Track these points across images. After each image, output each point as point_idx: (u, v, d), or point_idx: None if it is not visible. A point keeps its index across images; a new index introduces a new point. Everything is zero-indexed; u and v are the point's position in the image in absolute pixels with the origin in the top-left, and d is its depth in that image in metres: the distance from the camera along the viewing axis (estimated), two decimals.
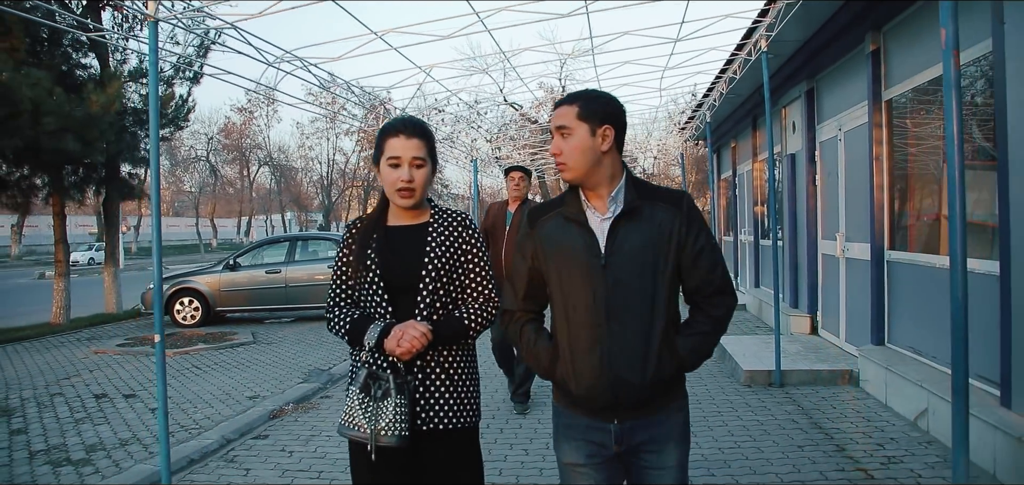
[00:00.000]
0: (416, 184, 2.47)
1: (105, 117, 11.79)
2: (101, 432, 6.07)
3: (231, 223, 69.37)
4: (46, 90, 10.76)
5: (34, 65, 11.17)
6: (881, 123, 6.77)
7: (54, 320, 13.39)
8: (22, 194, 13.53)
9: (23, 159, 12.19)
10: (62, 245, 13.73)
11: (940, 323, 5.60)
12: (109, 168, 14.01)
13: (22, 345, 11.21)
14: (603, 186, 2.24)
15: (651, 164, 39.43)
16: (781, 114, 10.56)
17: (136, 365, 9.11)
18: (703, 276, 2.23)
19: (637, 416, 2.22)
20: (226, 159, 54.88)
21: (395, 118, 2.63)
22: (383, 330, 2.41)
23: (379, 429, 2.35)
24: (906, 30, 6.28)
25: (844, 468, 4.65)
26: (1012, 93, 4.33)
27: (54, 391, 7.67)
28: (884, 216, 6.78)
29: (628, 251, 2.18)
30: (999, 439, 4.27)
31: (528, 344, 2.35)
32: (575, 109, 2.23)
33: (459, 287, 2.56)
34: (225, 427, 6.10)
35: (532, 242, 2.34)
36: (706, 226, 2.25)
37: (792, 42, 8.37)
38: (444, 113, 22.12)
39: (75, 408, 6.92)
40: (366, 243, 2.53)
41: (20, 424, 6.39)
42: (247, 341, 10.80)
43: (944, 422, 4.92)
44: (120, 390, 7.65)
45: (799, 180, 9.65)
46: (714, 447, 5.17)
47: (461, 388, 2.52)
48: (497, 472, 4.80)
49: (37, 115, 10.70)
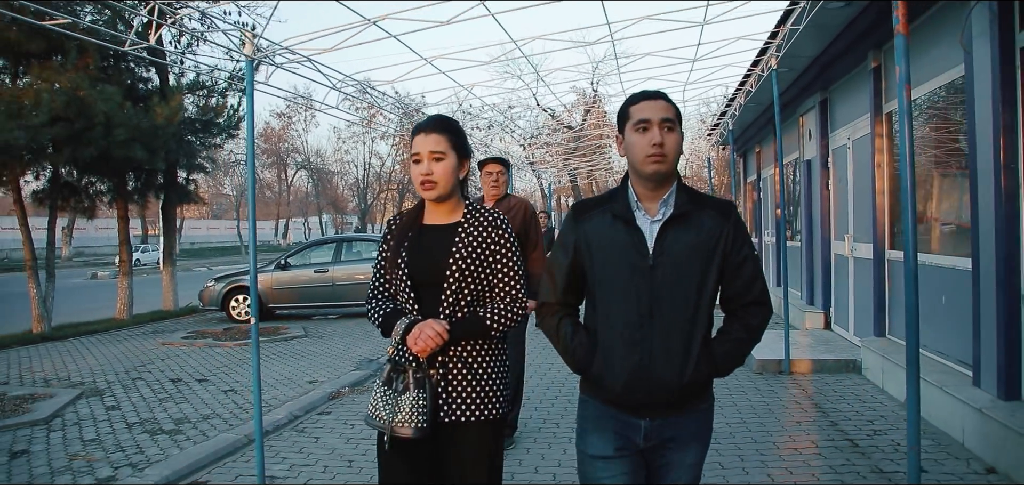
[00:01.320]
0: (436, 176, 2.54)
1: (168, 127, 12.78)
2: (183, 409, 6.93)
3: (269, 225, 71.04)
4: (117, 104, 11.76)
5: (105, 81, 12.18)
6: (882, 134, 7.41)
7: (118, 315, 14.43)
8: (89, 199, 14.58)
9: (94, 167, 13.20)
10: (126, 246, 14.80)
11: (930, 315, 6.24)
12: (168, 174, 15.02)
13: (93, 338, 12.21)
14: (666, 187, 2.28)
15: (682, 166, 39.93)
16: (799, 122, 11.18)
17: (202, 355, 10.03)
18: (743, 286, 2.28)
19: (667, 414, 2.27)
20: (265, 163, 56.40)
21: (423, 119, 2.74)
22: (408, 326, 2.51)
23: (397, 420, 2.47)
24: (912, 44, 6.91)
25: (834, 438, 5.33)
26: (979, 111, 4.98)
27: (135, 376, 8.58)
28: (885, 218, 7.42)
29: (676, 255, 2.21)
30: (968, 413, 4.93)
31: (565, 339, 2.37)
32: (675, 109, 2.28)
33: (487, 286, 2.61)
34: (291, 405, 6.93)
35: (575, 236, 2.36)
36: (750, 238, 2.33)
37: (805, 58, 9.00)
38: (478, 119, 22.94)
39: (156, 390, 7.81)
40: (402, 240, 2.63)
41: (112, 402, 7.28)
42: (299, 335, 11.69)
43: (929, 402, 5.57)
44: (192, 376, 8.55)
45: (814, 185, 10.28)
46: (723, 424, 5.87)
47: (484, 382, 2.57)
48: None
49: (109, 126, 11.69)
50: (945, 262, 6.00)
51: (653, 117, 2.22)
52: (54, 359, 9.96)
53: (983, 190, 4.97)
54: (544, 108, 29.70)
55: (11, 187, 12.43)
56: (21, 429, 6.28)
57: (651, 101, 2.26)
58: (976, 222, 5.10)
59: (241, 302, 13.84)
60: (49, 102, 10.80)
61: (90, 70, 11.79)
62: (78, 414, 6.80)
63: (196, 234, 68.72)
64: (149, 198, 15.83)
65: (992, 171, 4.82)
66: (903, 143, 3.80)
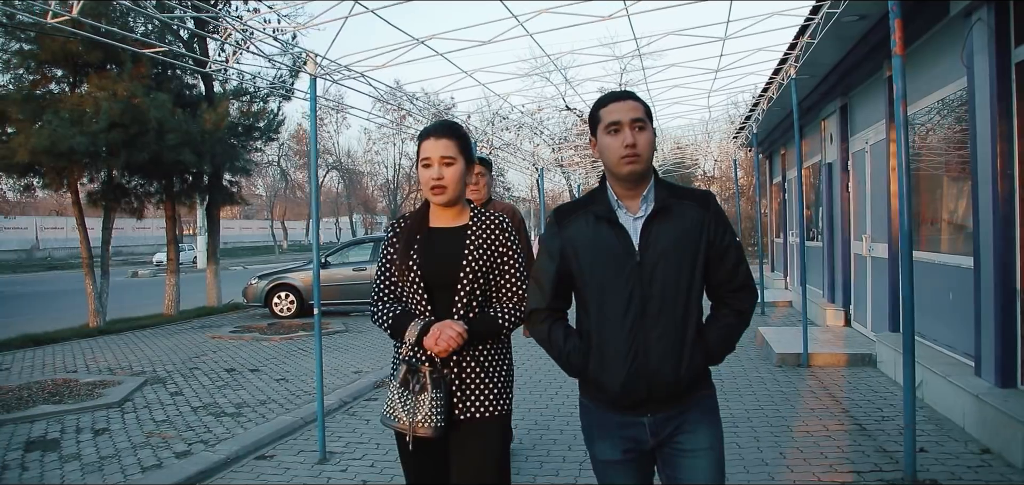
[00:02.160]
0: (446, 181, 2.60)
1: (215, 132, 13.47)
2: (241, 395, 7.51)
3: (300, 225, 72.17)
4: (168, 111, 12.45)
5: (156, 89, 12.87)
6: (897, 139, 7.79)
7: (166, 311, 15.15)
8: (138, 200, 15.32)
9: (144, 170, 13.92)
10: (174, 246, 15.54)
11: (939, 311, 6.64)
12: (212, 177, 15.72)
13: (145, 332, 12.93)
14: (644, 184, 2.32)
15: (712, 166, 40.13)
16: (821, 126, 11.55)
17: (250, 347, 10.67)
18: (729, 272, 2.31)
19: (668, 408, 2.28)
20: (297, 164, 57.42)
21: (429, 124, 2.79)
22: (423, 327, 2.55)
23: (417, 421, 2.52)
24: (914, 60, 7.30)
25: (844, 423, 5.76)
26: (979, 121, 5.38)
27: (191, 366, 9.21)
28: (899, 220, 7.79)
29: (662, 249, 2.24)
30: (968, 400, 5.33)
31: (558, 344, 2.39)
32: (643, 107, 2.32)
33: (494, 286, 2.69)
34: (341, 392, 7.49)
35: (560, 241, 2.38)
36: (731, 225, 2.35)
37: (825, 65, 9.39)
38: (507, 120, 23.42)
39: (213, 378, 8.41)
40: (410, 243, 2.68)
41: (175, 389, 7.90)
42: (341, 330, 12.30)
43: (935, 391, 6.00)
44: (245, 366, 9.16)
45: (835, 187, 10.66)
46: (742, 409, 6.32)
47: (495, 379, 2.65)
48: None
49: (161, 132, 12.40)
50: (952, 261, 6.39)
51: (623, 118, 2.27)
52: (114, 350, 10.65)
53: (983, 194, 5.37)
54: (572, 109, 30.15)
55: (70, 189, 13.18)
56: (98, 411, 6.91)
57: (620, 102, 2.31)
58: (977, 223, 5.50)
59: (283, 298, 14.49)
60: (108, 109, 11.51)
61: (144, 79, 12.51)
62: (146, 398, 7.42)
63: (229, 234, 69.82)
64: (194, 199, 16.53)
65: (991, 176, 5.22)
66: (900, 153, 4.24)
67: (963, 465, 4.69)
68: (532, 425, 6.14)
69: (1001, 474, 4.49)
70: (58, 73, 12.85)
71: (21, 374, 8.87)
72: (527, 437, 5.82)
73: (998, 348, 5.22)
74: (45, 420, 6.58)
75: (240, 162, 15.88)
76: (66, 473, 5.14)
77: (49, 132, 11.17)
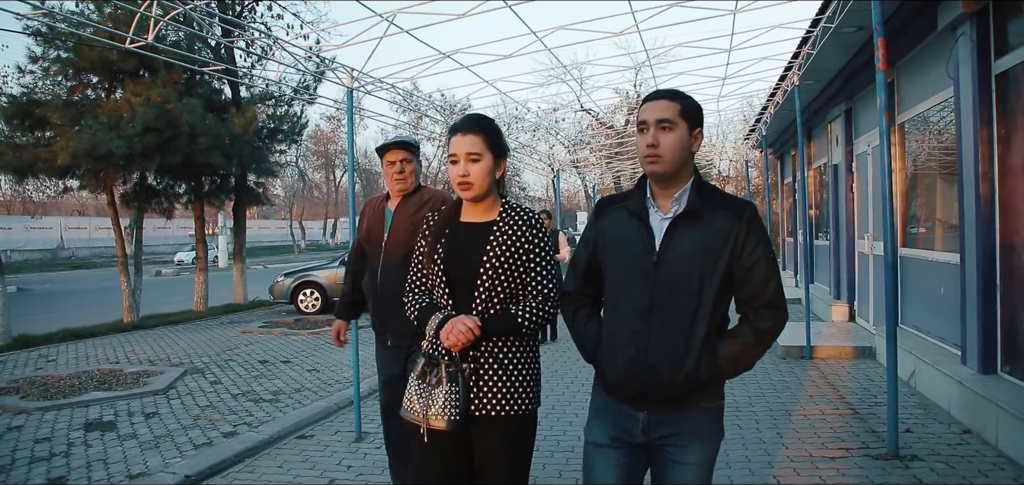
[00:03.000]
0: (472, 177, 2.60)
1: (244, 135, 14.04)
2: (276, 384, 8.04)
3: (317, 225, 72.98)
4: (200, 115, 13.03)
5: (187, 94, 13.45)
6: (896, 142, 8.21)
7: (195, 307, 15.74)
8: (167, 200, 15.92)
9: (175, 172, 14.51)
10: (202, 245, 16.13)
11: (932, 304, 7.06)
12: (239, 178, 16.30)
13: (177, 327, 13.51)
14: (677, 186, 2.30)
15: (727, 166, 40.41)
16: (828, 128, 11.95)
17: (280, 341, 11.21)
18: (755, 289, 2.26)
19: (665, 410, 2.29)
20: (314, 165, 58.17)
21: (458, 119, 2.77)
22: (441, 321, 2.56)
23: (431, 413, 2.52)
24: (910, 68, 7.72)
25: (839, 408, 6.21)
26: (963, 127, 5.81)
27: (226, 358, 9.76)
28: (898, 219, 8.22)
29: (681, 253, 2.23)
30: (953, 385, 5.76)
31: (578, 327, 2.48)
32: (677, 106, 2.28)
33: (520, 284, 2.66)
34: (370, 381, 7.96)
35: (595, 230, 2.47)
36: (766, 239, 2.28)
37: (829, 71, 9.81)
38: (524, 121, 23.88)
39: (248, 369, 8.95)
40: (439, 236, 2.71)
41: (214, 378, 8.44)
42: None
43: (926, 379, 6.42)
44: (277, 358, 9.70)
45: (840, 187, 11.07)
46: (745, 396, 6.77)
47: (514, 377, 2.61)
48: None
49: (193, 136, 12.97)
50: (943, 258, 6.81)
51: (649, 118, 2.28)
52: (150, 344, 11.23)
53: (967, 196, 5.80)
54: (587, 110, 30.59)
55: (106, 191, 13.79)
56: (146, 397, 7.45)
57: (651, 102, 2.32)
58: (962, 223, 5.93)
59: (309, 295, 15.06)
60: (143, 114, 12.09)
61: (176, 85, 13.09)
62: (188, 387, 7.96)
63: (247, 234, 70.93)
64: (223, 200, 17.12)
65: (974, 179, 5.65)
66: (882, 158, 4.70)
67: (943, 443, 5.13)
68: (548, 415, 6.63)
69: (976, 451, 4.93)
70: (93, 79, 13.46)
71: (68, 365, 9.44)
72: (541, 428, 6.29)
73: (980, 338, 5.65)
74: (99, 405, 7.13)
75: (266, 164, 16.44)
76: (126, 450, 5.66)
77: (89, 136, 11.75)
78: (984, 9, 5.51)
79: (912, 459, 4.79)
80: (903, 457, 4.81)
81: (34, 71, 13.19)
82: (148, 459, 5.43)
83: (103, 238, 58.68)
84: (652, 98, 2.32)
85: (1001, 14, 5.43)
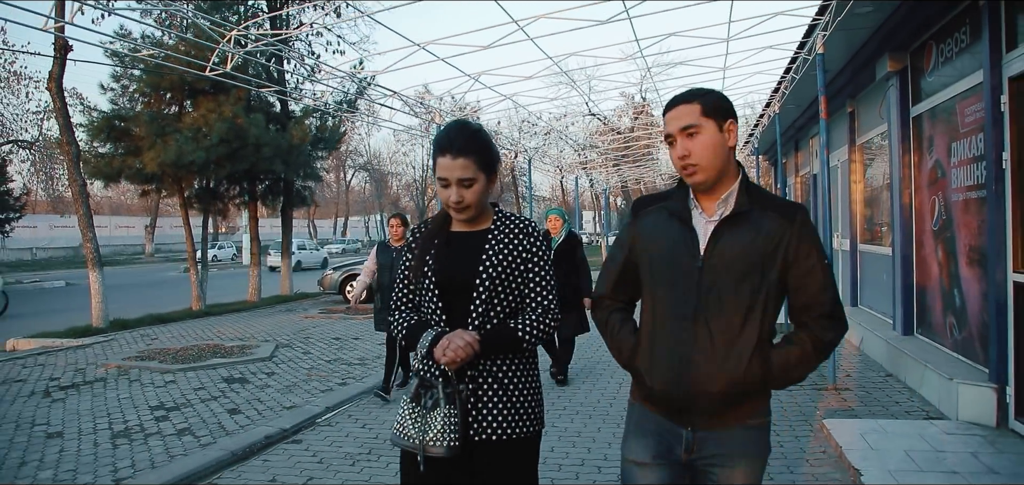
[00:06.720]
0: (467, 202, 2.43)
1: (300, 145, 16.02)
2: (355, 353, 9.97)
3: (328, 223, 74.93)
4: (264, 128, 15.00)
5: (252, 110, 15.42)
6: (856, 160, 10.20)
7: (250, 298, 17.70)
8: (223, 202, 17.83)
9: (238, 178, 16.47)
10: (256, 242, 18.10)
11: (880, 288, 9.07)
12: (288, 183, 18.25)
13: (241, 314, 15.44)
14: (722, 188, 2.16)
15: None
16: (810, 143, 13.93)
17: (343, 324, 13.20)
18: (811, 297, 2.11)
19: (711, 426, 2.15)
20: (326, 166, 60.01)
21: (444, 130, 2.51)
22: (434, 338, 2.38)
23: (428, 439, 2.33)
24: (864, 102, 9.70)
25: None
26: (893, 154, 7.78)
27: (304, 336, 11.72)
28: (857, 221, 10.21)
29: (728, 257, 2.09)
30: (884, 344, 7.74)
31: (612, 332, 2.34)
32: (697, 107, 2.13)
33: (519, 295, 2.49)
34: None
35: (631, 232, 2.31)
36: (819, 244, 2.14)
37: (808, 97, 11.78)
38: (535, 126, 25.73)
39: (327, 344, 10.89)
40: (427, 248, 2.52)
41: (302, 350, 10.38)
42: None
43: (870, 343, 8.40)
44: (347, 335, 11.68)
45: (820, 193, 13.07)
46: None
47: (516, 398, 2.44)
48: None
49: (258, 146, 14.93)
50: (884, 252, 8.80)
51: (673, 130, 2.16)
52: (231, 326, 13.19)
53: (895, 205, 7.78)
54: (595, 114, 32.43)
55: (179, 195, 15.78)
56: (257, 363, 9.39)
57: (670, 111, 2.19)
58: (893, 224, 7.91)
59: (355, 287, 17.02)
60: (219, 128, 14.06)
61: (242, 101, 15.07)
62: (285, 356, 9.90)
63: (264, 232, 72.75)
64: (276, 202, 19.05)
65: (899, 191, 7.63)
66: (824, 186, 6.66)
67: (870, 382, 7.12)
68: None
69: (892, 386, 6.91)
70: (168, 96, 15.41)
71: (173, 341, 11.39)
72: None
73: (903, 308, 7.63)
74: (225, 367, 9.06)
75: (312, 169, 18.39)
76: (269, 394, 7.61)
77: (176, 147, 13.71)
78: (905, 67, 7.47)
79: (845, 390, 6.78)
80: (839, 389, 6.80)
81: (115, 88, 15.18)
82: (291, 399, 7.38)
83: (122, 236, 60.83)
84: (671, 106, 2.19)
85: (917, 71, 7.39)
